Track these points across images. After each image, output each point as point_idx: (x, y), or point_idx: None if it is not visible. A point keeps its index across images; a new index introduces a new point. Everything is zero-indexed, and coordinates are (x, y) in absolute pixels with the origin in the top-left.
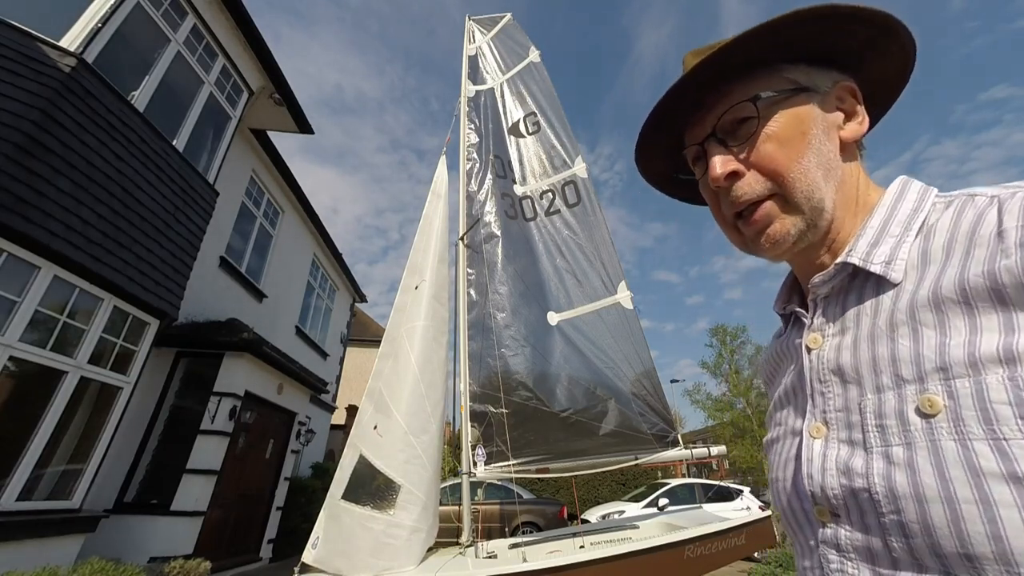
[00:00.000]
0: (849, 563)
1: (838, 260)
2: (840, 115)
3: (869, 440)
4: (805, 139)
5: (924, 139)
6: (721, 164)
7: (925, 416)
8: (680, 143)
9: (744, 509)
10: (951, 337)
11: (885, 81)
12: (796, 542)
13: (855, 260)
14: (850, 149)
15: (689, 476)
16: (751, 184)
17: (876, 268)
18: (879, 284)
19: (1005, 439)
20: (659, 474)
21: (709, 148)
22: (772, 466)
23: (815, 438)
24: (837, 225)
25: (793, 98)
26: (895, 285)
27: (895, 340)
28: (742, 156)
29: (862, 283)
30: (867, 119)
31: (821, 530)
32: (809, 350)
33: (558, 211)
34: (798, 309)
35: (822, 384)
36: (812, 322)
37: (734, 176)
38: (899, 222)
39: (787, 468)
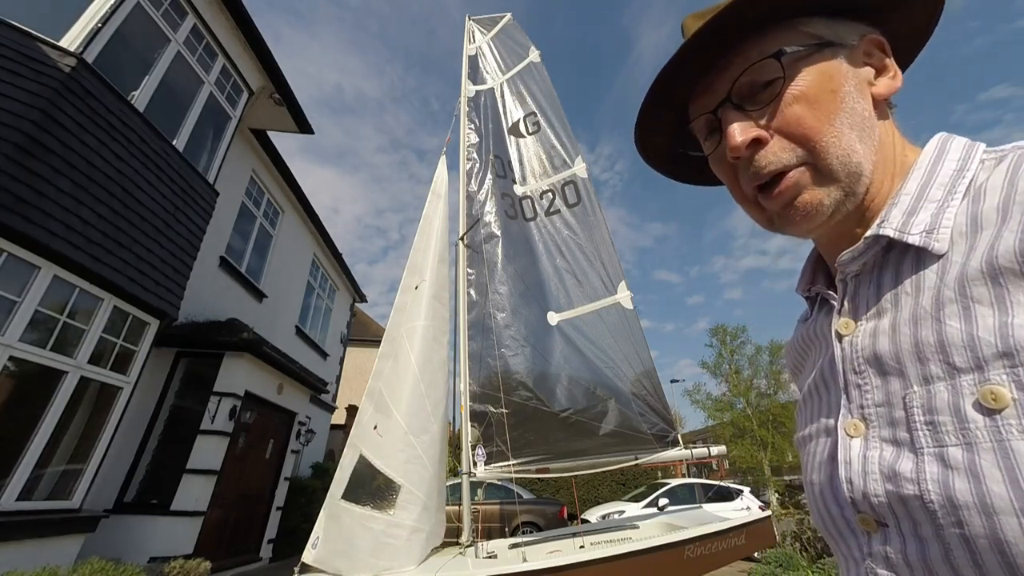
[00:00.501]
0: None
1: (868, 232)
2: (870, 70)
3: (918, 440)
4: (836, 97)
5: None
6: (741, 131)
7: (989, 411)
8: (684, 118)
9: (744, 509)
10: (1015, 315)
11: (910, 33)
12: (837, 552)
13: (889, 231)
14: (882, 107)
15: (689, 476)
16: (776, 152)
17: (915, 239)
18: (920, 257)
19: None
20: (659, 474)
21: (725, 115)
22: (805, 467)
23: (852, 437)
24: (874, 191)
25: (818, 53)
26: (939, 257)
27: (943, 322)
28: (763, 121)
29: (899, 257)
30: (899, 73)
31: (866, 541)
32: (840, 337)
33: (558, 211)
34: (825, 291)
35: (857, 375)
36: (842, 305)
37: (757, 144)
38: (940, 184)
39: (822, 471)
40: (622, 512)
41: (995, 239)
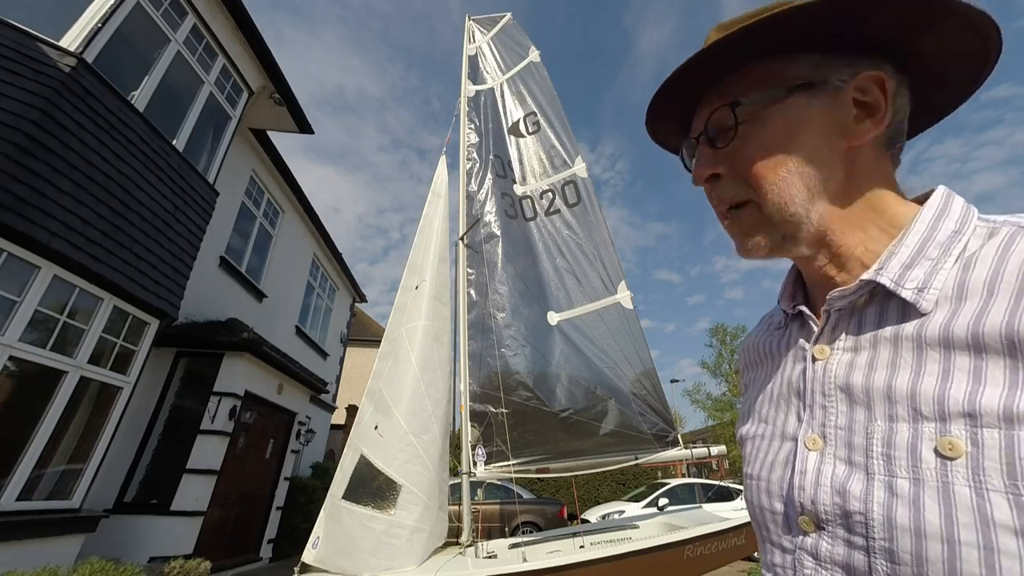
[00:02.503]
0: (824, 571)
1: (864, 276)
2: (853, 112)
3: (872, 466)
4: (790, 147)
5: (927, 138)
6: (702, 166)
7: (943, 457)
8: (694, 111)
9: (744, 509)
10: (986, 386)
11: (945, 73)
12: (765, 538)
13: (885, 281)
14: (865, 152)
15: (689, 476)
16: (728, 188)
17: (907, 294)
18: (904, 309)
19: None
20: (659, 474)
21: (700, 147)
22: (751, 462)
23: (810, 450)
24: (839, 237)
25: (788, 99)
26: (923, 315)
27: (920, 375)
28: (725, 159)
29: (883, 303)
30: (889, 115)
31: (802, 536)
32: (815, 359)
33: (558, 211)
34: (807, 312)
35: (824, 397)
36: (822, 332)
37: (715, 178)
38: (938, 243)
39: (773, 470)
40: (622, 512)
41: (981, 313)
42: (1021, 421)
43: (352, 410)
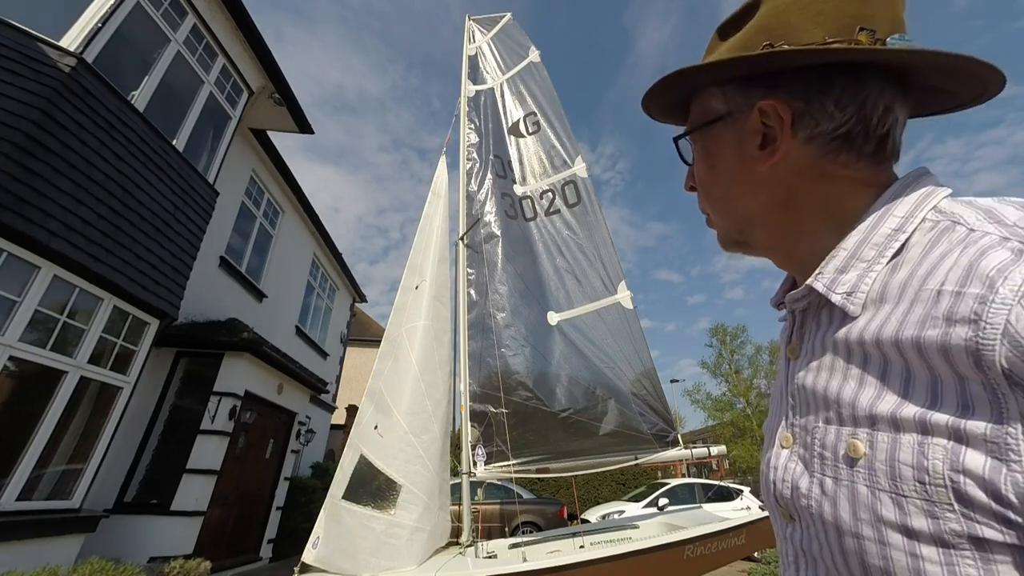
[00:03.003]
0: (802, 560)
1: (808, 281)
2: (758, 139)
3: (812, 464)
4: (713, 175)
5: (928, 137)
6: (688, 176)
7: (849, 459)
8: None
9: (744, 509)
10: (886, 391)
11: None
12: (774, 526)
13: (819, 286)
14: (806, 162)
15: (689, 476)
16: (699, 199)
17: (836, 299)
18: (841, 314)
19: (903, 496)
20: (659, 474)
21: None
22: (762, 453)
23: (783, 448)
24: (790, 247)
25: (709, 130)
26: (853, 319)
27: (846, 378)
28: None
29: (830, 308)
30: (786, 143)
31: (785, 527)
32: (789, 361)
33: (558, 211)
34: (784, 311)
35: (793, 398)
36: (792, 333)
37: (694, 189)
38: (875, 244)
39: (765, 465)
40: (622, 512)
41: (886, 320)
42: (903, 427)
43: (352, 410)
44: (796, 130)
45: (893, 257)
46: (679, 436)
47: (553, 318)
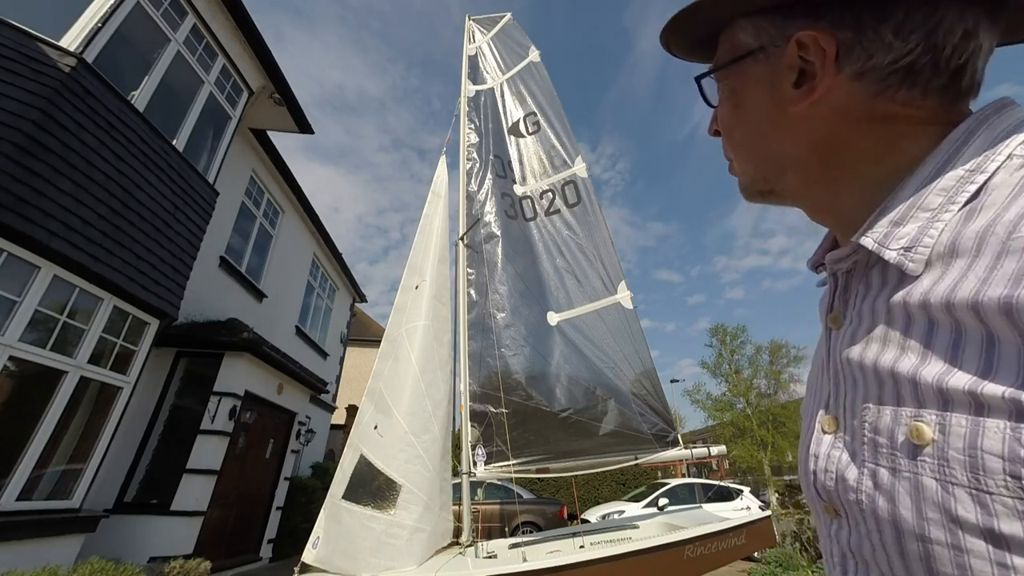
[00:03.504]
0: (851, 561)
1: (853, 238)
2: (793, 77)
3: (862, 452)
4: (737, 114)
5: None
6: (711, 121)
7: (913, 446)
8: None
9: (744, 509)
10: (960, 364)
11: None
12: (816, 521)
13: (868, 242)
14: (855, 101)
15: (689, 476)
16: (723, 144)
17: (891, 255)
18: (899, 272)
19: (988, 492)
20: (659, 474)
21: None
22: (800, 439)
23: (826, 433)
24: (829, 200)
25: (736, 68)
26: (914, 278)
27: (903, 349)
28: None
29: (883, 266)
30: (828, 80)
31: (830, 524)
32: (830, 329)
33: (558, 211)
34: (824, 275)
35: (837, 374)
36: (833, 298)
37: (718, 134)
38: (942, 189)
39: (804, 454)
40: (622, 512)
41: (961, 278)
42: (990, 408)
43: (352, 410)
44: (842, 65)
45: (967, 203)
46: (679, 436)
47: (553, 318)
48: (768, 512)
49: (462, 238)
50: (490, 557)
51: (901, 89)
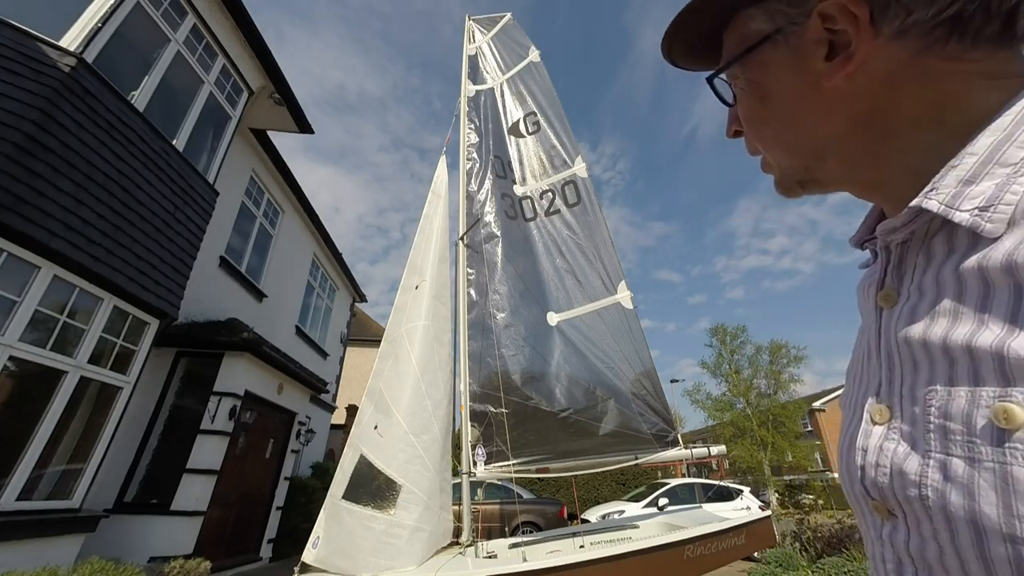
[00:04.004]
0: (909, 568)
1: (913, 203)
2: (822, 51)
3: (927, 441)
4: (764, 107)
5: None
6: (728, 121)
7: (999, 430)
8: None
9: (744, 509)
10: None
11: None
12: (861, 527)
13: (933, 204)
14: (898, 64)
15: (689, 476)
16: (749, 142)
17: (962, 217)
18: (971, 237)
19: None
20: (659, 474)
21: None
22: (841, 433)
23: (876, 423)
24: (875, 172)
25: (753, 58)
26: (993, 241)
27: (982, 322)
28: (737, 115)
29: (950, 232)
30: (866, 46)
31: (881, 526)
32: (880, 310)
33: (558, 211)
34: (875, 250)
35: (891, 357)
36: (885, 274)
37: (738, 134)
38: (1022, 143)
39: (850, 448)
40: (622, 512)
41: None
42: None
43: (352, 410)
44: (878, 25)
45: None
46: (679, 436)
47: (553, 318)
48: (768, 512)
49: (462, 238)
50: (490, 557)
51: (949, 43)
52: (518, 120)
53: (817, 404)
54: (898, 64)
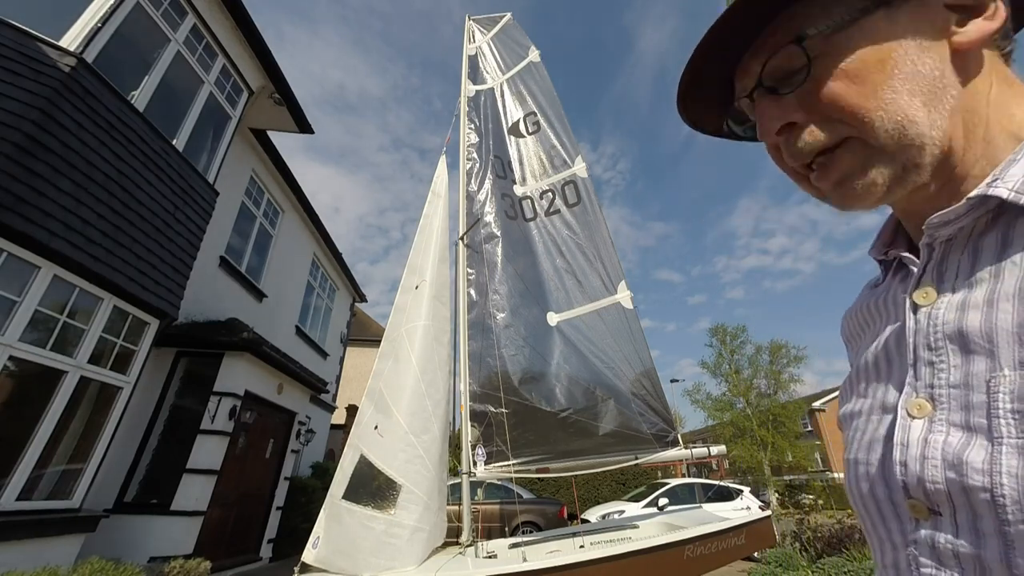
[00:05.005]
0: (947, 571)
1: (974, 192)
2: (951, 16)
3: (998, 428)
4: (885, 67)
5: None
6: (769, 118)
7: None
8: (731, 93)
9: (744, 509)
10: None
11: None
12: (873, 534)
13: (1002, 191)
14: (974, 56)
15: (689, 476)
16: (814, 134)
17: None
18: None
19: None
20: (659, 474)
21: (758, 100)
22: (851, 444)
23: (915, 418)
24: (961, 155)
25: (861, 20)
26: None
27: None
28: (797, 103)
29: (1010, 221)
30: (1000, 8)
31: (913, 528)
32: (917, 307)
33: (558, 211)
34: (905, 254)
35: (932, 351)
36: (924, 272)
37: (791, 127)
38: None
39: (873, 450)
40: (622, 512)
41: None
42: None
43: (352, 410)
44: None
45: None
46: (679, 436)
47: (553, 318)
48: (768, 512)
49: (462, 238)
50: (490, 557)
51: (1005, 47)
52: (518, 120)
53: (817, 404)
54: (990, 50)
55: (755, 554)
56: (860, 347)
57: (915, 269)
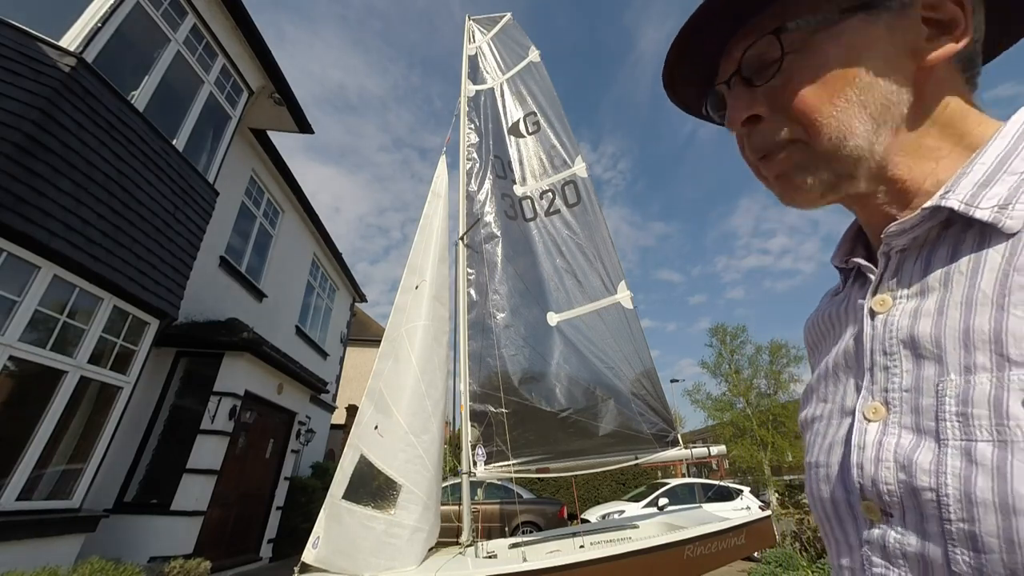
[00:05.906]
0: (895, 570)
1: (927, 204)
2: (923, 31)
3: (944, 430)
4: (847, 75)
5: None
6: (737, 108)
7: None
8: (714, 74)
9: (744, 509)
10: None
11: None
12: (831, 536)
13: (953, 203)
14: (940, 72)
15: (689, 476)
16: (772, 128)
17: (984, 214)
18: (985, 234)
19: None
20: (659, 474)
21: (732, 89)
22: (811, 448)
23: (871, 421)
24: (905, 170)
25: (842, 22)
26: (1009, 236)
27: (1006, 310)
28: (765, 98)
29: (959, 233)
30: (970, 30)
31: (867, 530)
32: (874, 314)
33: (558, 211)
34: (863, 262)
35: (887, 356)
36: (880, 280)
37: (755, 120)
38: None
39: (832, 453)
40: (622, 512)
41: None
42: None
43: (352, 410)
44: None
45: None
46: (679, 436)
47: (553, 318)
48: (768, 512)
49: (462, 238)
50: (490, 557)
51: (970, 69)
52: (518, 120)
53: None
54: (954, 71)
55: (755, 554)
56: (821, 353)
57: (873, 277)
